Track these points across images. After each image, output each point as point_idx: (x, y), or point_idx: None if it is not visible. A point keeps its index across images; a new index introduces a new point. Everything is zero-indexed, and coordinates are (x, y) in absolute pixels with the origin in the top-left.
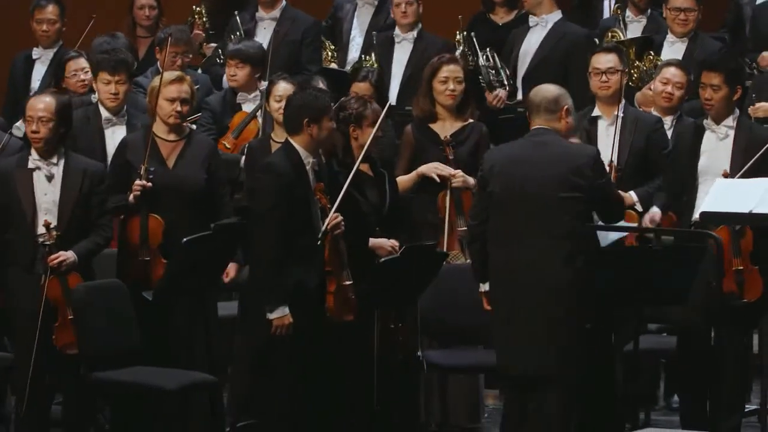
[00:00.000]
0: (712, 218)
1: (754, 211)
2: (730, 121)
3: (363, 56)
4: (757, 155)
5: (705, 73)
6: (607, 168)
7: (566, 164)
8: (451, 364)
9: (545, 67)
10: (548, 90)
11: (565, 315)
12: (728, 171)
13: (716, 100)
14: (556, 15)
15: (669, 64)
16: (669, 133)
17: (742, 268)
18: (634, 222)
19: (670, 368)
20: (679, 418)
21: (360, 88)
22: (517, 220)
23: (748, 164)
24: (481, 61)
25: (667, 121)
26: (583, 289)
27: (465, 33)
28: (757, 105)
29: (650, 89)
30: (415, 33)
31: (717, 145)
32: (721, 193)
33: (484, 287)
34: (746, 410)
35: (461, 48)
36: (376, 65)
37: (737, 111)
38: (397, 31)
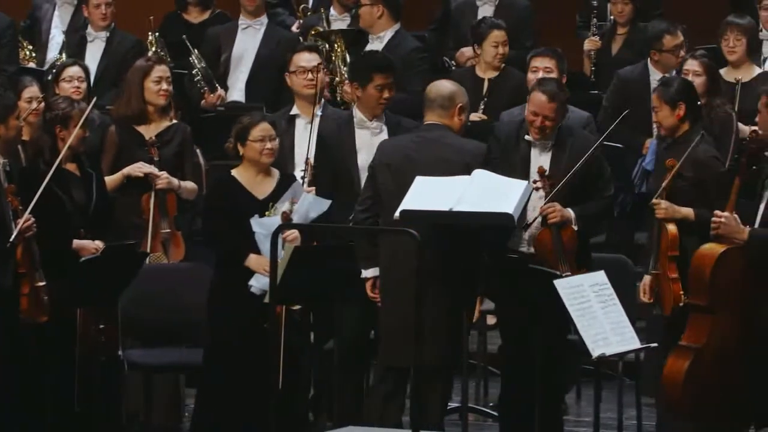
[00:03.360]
0: (411, 216)
1: (454, 209)
2: (383, 117)
3: (60, 55)
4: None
5: (378, 75)
6: (304, 165)
7: (455, 162)
8: (153, 363)
9: (268, 69)
10: (444, 86)
11: (437, 302)
12: None
13: (392, 96)
14: (266, 18)
15: None
16: None
17: None
18: None
19: None
20: None
21: (73, 71)
22: None
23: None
24: (195, 62)
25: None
26: (451, 274)
27: (157, 34)
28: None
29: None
30: (108, 32)
31: (372, 141)
32: (421, 190)
33: (365, 273)
34: (448, 408)
35: (153, 48)
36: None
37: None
38: (90, 30)
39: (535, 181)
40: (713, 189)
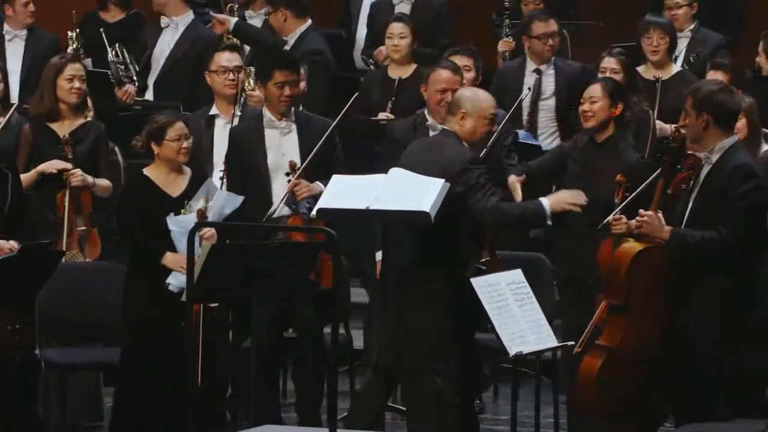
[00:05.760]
0: (328, 214)
1: (371, 208)
2: (292, 116)
3: None
4: (317, 146)
5: (279, 72)
6: (223, 166)
7: (437, 168)
8: (70, 362)
9: (179, 69)
10: (459, 92)
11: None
12: (296, 162)
13: (295, 94)
14: (188, 16)
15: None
16: None
17: None
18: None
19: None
20: (296, 412)
21: None
22: None
23: (311, 155)
24: (110, 56)
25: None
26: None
27: (77, 31)
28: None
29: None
30: (26, 30)
31: (281, 141)
32: (338, 189)
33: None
34: None
35: (74, 46)
36: None
37: (300, 106)
38: (7, 28)
39: None
40: None
